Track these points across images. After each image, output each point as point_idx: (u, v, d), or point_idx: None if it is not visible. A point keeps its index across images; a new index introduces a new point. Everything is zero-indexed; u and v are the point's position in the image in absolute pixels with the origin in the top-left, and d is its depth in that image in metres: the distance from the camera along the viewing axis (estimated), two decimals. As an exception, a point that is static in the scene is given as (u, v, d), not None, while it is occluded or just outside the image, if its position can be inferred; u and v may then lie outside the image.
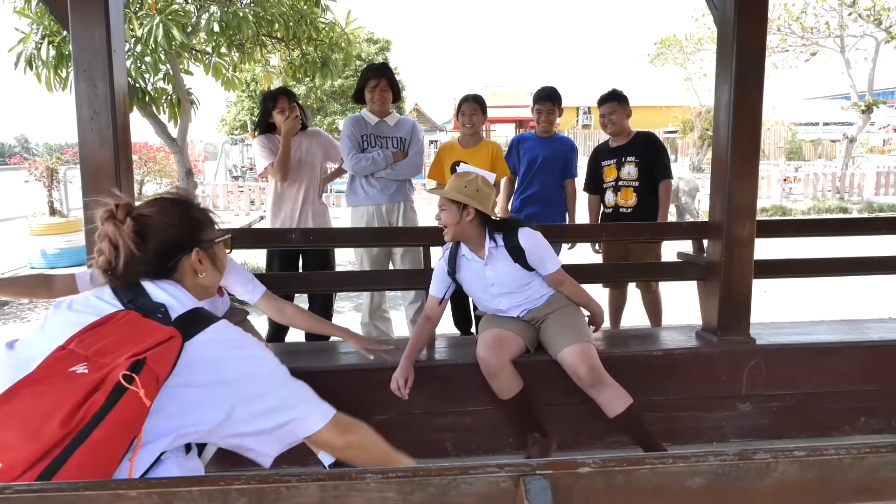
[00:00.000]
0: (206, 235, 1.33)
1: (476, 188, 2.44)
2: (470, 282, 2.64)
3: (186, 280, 1.29)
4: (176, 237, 1.27)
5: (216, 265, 1.36)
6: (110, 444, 1.01)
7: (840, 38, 15.16)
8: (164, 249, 1.26)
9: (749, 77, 2.69)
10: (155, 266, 1.25)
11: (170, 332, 1.13)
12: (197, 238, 1.30)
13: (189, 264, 1.29)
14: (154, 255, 1.25)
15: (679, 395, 2.79)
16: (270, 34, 5.57)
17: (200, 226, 1.33)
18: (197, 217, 1.33)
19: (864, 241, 4.07)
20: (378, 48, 20.74)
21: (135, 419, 1.04)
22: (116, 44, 2.40)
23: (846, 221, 5.93)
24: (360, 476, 0.70)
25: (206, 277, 1.32)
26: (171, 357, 1.11)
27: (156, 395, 1.07)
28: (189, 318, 1.19)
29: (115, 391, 1.02)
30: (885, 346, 2.88)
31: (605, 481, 0.74)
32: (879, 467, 0.78)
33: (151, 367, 1.07)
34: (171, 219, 1.27)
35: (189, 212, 1.31)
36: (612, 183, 3.80)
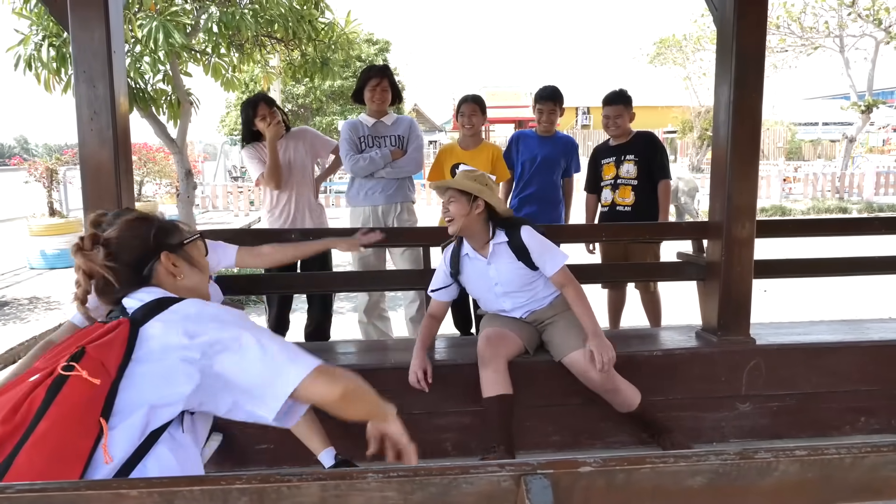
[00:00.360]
0: (172, 239, 1.37)
1: (485, 182, 2.47)
2: (473, 282, 2.63)
3: (167, 285, 1.32)
4: (142, 248, 1.32)
5: (194, 265, 1.39)
6: (62, 433, 1.00)
7: (839, 37, 15.17)
8: (135, 261, 1.31)
9: (749, 77, 2.70)
10: (133, 280, 1.29)
11: (115, 324, 1.16)
12: (163, 243, 1.34)
13: (163, 269, 1.32)
14: (127, 269, 1.29)
15: (679, 395, 2.79)
16: (270, 35, 5.57)
17: (164, 232, 1.37)
18: (160, 226, 1.38)
19: (864, 241, 4.07)
20: (377, 49, 20.73)
21: (86, 402, 1.04)
22: (116, 44, 2.40)
23: (845, 221, 5.93)
24: (360, 475, 0.70)
25: (186, 279, 1.35)
26: (118, 342, 1.13)
27: (109, 379, 1.07)
28: (149, 307, 1.21)
29: (56, 382, 1.05)
30: (885, 346, 2.88)
31: (606, 480, 0.74)
32: (880, 466, 0.78)
33: (92, 354, 1.09)
34: (135, 232, 1.33)
35: (150, 223, 1.37)
36: (611, 181, 3.80)
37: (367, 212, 3.68)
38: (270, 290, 3.65)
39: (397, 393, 2.63)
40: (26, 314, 5.71)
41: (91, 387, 1.04)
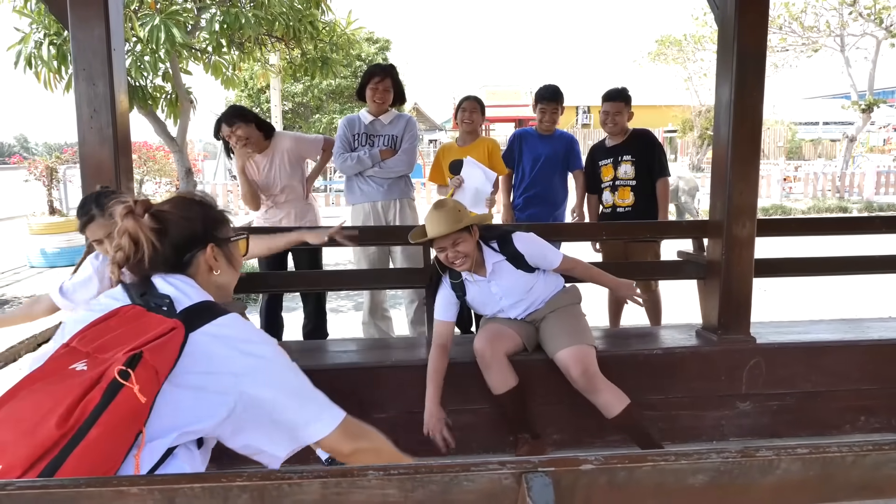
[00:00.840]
0: (221, 233, 1.34)
1: (458, 209, 2.41)
2: (480, 302, 2.65)
3: (200, 276, 1.29)
4: (192, 232, 1.28)
5: (232, 264, 1.36)
6: (109, 442, 0.98)
7: (840, 37, 15.16)
8: (180, 244, 1.27)
9: (749, 76, 2.69)
10: (171, 260, 1.25)
11: (172, 324, 1.11)
12: (212, 234, 1.31)
13: (204, 260, 1.29)
14: (170, 249, 1.25)
15: (679, 393, 2.79)
16: (270, 33, 5.56)
17: (216, 223, 1.34)
18: (213, 215, 1.34)
19: (864, 240, 4.07)
20: (378, 48, 20.71)
21: (132, 416, 1.01)
22: (116, 42, 2.40)
23: (846, 221, 5.93)
24: (361, 473, 0.70)
25: (221, 275, 1.32)
26: (172, 349, 1.09)
27: (156, 390, 1.04)
28: (196, 310, 1.18)
29: (111, 388, 1.00)
30: (885, 345, 2.88)
31: (608, 478, 0.74)
32: (882, 465, 0.78)
33: (149, 361, 1.05)
34: (188, 214, 1.29)
35: (206, 209, 1.33)
36: (610, 182, 3.80)
37: (367, 208, 3.67)
38: (268, 289, 3.65)
39: (398, 391, 2.64)
40: (26, 312, 5.69)
41: (138, 402, 1.01)
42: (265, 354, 1.19)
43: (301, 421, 1.17)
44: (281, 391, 1.17)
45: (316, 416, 1.18)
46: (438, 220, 2.39)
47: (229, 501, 0.68)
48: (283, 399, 1.16)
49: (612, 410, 2.41)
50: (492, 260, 2.52)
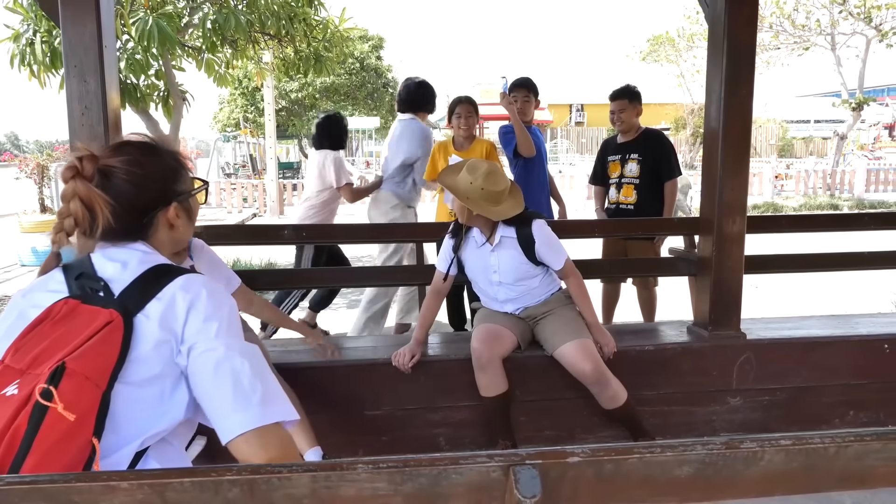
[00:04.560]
0: (181, 186, 1.17)
1: (479, 186, 2.42)
2: (473, 263, 2.64)
3: (160, 236, 1.15)
4: (152, 191, 1.11)
5: (191, 217, 1.21)
6: (52, 467, 0.88)
7: (831, 35, 15.24)
8: (140, 206, 1.10)
9: (740, 73, 2.71)
10: (127, 226, 1.10)
11: (107, 317, 0.99)
12: (173, 189, 1.15)
13: (165, 220, 1.14)
14: (128, 213, 1.09)
15: (670, 389, 2.81)
16: (263, 31, 5.55)
17: (176, 175, 1.17)
18: (172, 166, 1.16)
19: (854, 236, 4.10)
20: (371, 46, 20.68)
21: (69, 436, 0.90)
22: (107, 39, 2.39)
23: (835, 217, 5.97)
24: (350, 467, 0.71)
25: (181, 231, 1.18)
26: (110, 346, 0.97)
27: (95, 398, 0.93)
28: (140, 285, 1.04)
29: (36, 411, 0.89)
30: (874, 340, 2.90)
31: (595, 470, 0.75)
32: (863, 456, 0.80)
33: (75, 370, 0.93)
34: (146, 170, 1.11)
35: (164, 161, 1.15)
36: (616, 180, 3.83)
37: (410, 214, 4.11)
38: (269, 287, 3.66)
39: (391, 388, 2.65)
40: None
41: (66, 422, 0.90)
42: (217, 319, 1.05)
43: (224, 409, 1.01)
44: (220, 366, 1.02)
45: (240, 407, 1.00)
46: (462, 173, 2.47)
47: (219, 495, 0.69)
48: (219, 376, 1.02)
49: (618, 401, 2.48)
50: (502, 233, 2.53)
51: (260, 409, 1.00)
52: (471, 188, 2.42)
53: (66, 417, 0.90)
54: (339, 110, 19.87)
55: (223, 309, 1.08)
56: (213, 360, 1.02)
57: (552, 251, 2.53)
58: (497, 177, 2.46)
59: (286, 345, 2.91)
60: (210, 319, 1.04)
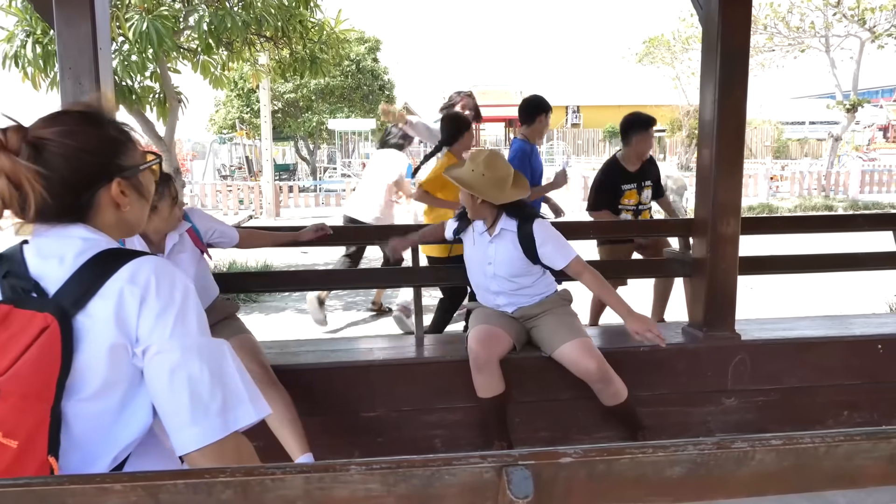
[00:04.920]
0: (126, 160, 1.03)
1: (481, 173, 2.47)
2: (470, 251, 2.69)
3: (104, 217, 1.02)
4: (90, 165, 0.98)
5: (143, 194, 1.07)
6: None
7: (825, 37, 15.31)
8: (76, 183, 0.97)
9: (733, 75, 2.72)
10: (65, 206, 0.98)
11: (41, 323, 0.88)
12: (116, 164, 1.01)
13: (109, 198, 1.01)
14: (63, 191, 0.96)
15: (666, 390, 2.82)
16: (259, 33, 5.55)
17: (119, 148, 1.03)
18: (114, 137, 1.03)
19: (848, 237, 4.12)
20: (367, 48, 20.68)
21: (15, 462, 0.82)
22: (102, 41, 2.39)
23: (829, 218, 5.99)
24: (344, 468, 0.71)
25: (130, 211, 1.04)
26: (49, 358, 0.86)
27: (39, 415, 0.85)
28: (77, 282, 0.92)
29: None
30: (868, 341, 2.92)
31: (587, 471, 0.75)
32: (853, 455, 0.80)
33: (12, 391, 0.84)
34: (83, 142, 0.98)
35: (104, 130, 1.02)
36: (633, 207, 3.87)
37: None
38: (263, 289, 3.66)
39: (386, 390, 2.66)
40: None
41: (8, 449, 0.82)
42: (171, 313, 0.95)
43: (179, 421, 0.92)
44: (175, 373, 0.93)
45: (197, 420, 0.92)
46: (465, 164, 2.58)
47: (213, 497, 0.69)
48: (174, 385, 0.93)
49: (620, 397, 2.51)
50: (503, 225, 2.55)
51: (218, 419, 0.93)
52: (473, 176, 2.47)
53: (9, 445, 0.82)
54: (335, 112, 19.89)
55: (175, 297, 0.96)
56: (167, 367, 0.93)
57: (556, 250, 2.48)
58: (497, 161, 2.51)
59: (283, 346, 2.91)
60: (164, 314, 0.94)
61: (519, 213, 2.54)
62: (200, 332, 0.97)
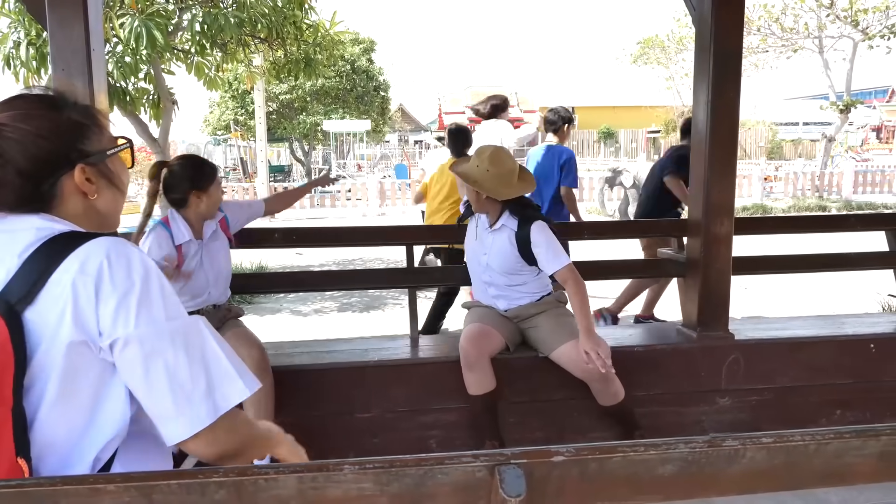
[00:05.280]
0: (91, 145, 0.97)
1: (486, 168, 2.48)
2: (470, 238, 2.73)
3: (70, 207, 0.95)
4: (47, 151, 0.92)
5: (114, 182, 1.01)
6: None
7: (819, 38, 15.38)
8: (33, 171, 0.91)
9: (727, 76, 2.73)
10: (24, 195, 0.92)
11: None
12: (78, 150, 0.95)
13: (73, 186, 0.95)
14: (18, 180, 0.90)
15: (660, 389, 2.83)
16: (253, 34, 5.55)
17: (82, 132, 0.96)
18: (76, 121, 0.96)
19: (841, 237, 4.15)
20: (362, 49, 20.67)
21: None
22: (95, 42, 2.38)
23: (822, 218, 6.03)
24: (337, 467, 0.71)
25: (100, 200, 0.98)
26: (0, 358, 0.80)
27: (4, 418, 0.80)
28: (24, 275, 0.85)
29: None
30: (860, 340, 2.94)
31: (579, 469, 0.76)
32: (843, 453, 0.81)
33: None
34: (39, 126, 0.91)
35: (63, 114, 0.95)
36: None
37: None
38: (259, 290, 3.65)
39: (381, 390, 2.66)
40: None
41: None
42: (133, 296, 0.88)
43: (165, 413, 0.88)
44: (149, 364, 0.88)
45: (182, 409, 0.88)
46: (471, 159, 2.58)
47: (206, 497, 0.69)
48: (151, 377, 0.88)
49: (618, 397, 2.53)
50: (504, 221, 2.57)
51: (205, 404, 0.89)
52: (478, 171, 2.49)
53: None
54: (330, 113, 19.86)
55: (135, 280, 0.89)
56: (139, 358, 0.87)
57: (549, 254, 2.46)
58: (502, 156, 2.52)
59: (278, 347, 2.91)
60: (124, 302, 0.87)
61: (522, 212, 2.55)
62: (169, 315, 0.90)
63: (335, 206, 14.41)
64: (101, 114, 1.01)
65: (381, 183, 14.55)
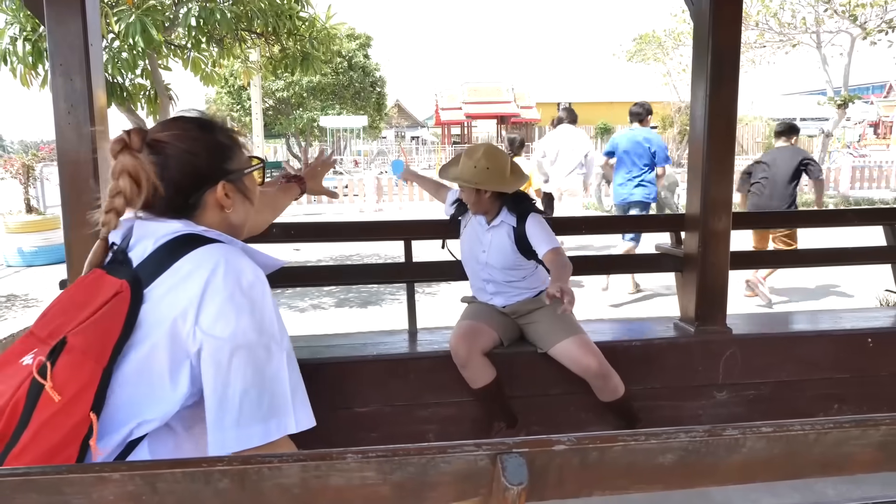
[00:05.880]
0: (233, 164, 1.12)
1: (485, 167, 2.46)
2: (467, 237, 2.69)
3: (209, 218, 1.09)
4: (197, 169, 1.06)
5: (247, 197, 1.15)
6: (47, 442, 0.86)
7: (816, 33, 15.38)
8: (185, 184, 1.06)
9: (724, 71, 2.74)
10: (173, 204, 1.06)
11: (118, 287, 0.96)
12: (222, 168, 1.09)
13: (214, 200, 1.09)
14: (173, 190, 1.05)
15: (657, 384, 2.84)
16: (250, 30, 5.53)
17: (227, 153, 1.11)
18: (222, 143, 1.11)
19: (838, 233, 4.16)
20: (358, 44, 20.63)
21: (58, 414, 0.88)
22: (93, 37, 2.38)
23: (819, 213, 6.03)
24: (340, 456, 0.72)
25: (234, 213, 1.12)
26: (114, 320, 0.93)
27: (93, 373, 0.90)
28: (156, 257, 0.99)
29: (34, 386, 0.89)
30: (857, 335, 2.95)
31: (580, 458, 0.76)
32: (843, 442, 0.82)
33: (75, 346, 0.91)
34: (193, 146, 1.06)
35: (213, 136, 1.11)
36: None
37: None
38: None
39: (379, 385, 2.66)
40: (3, 311, 5.63)
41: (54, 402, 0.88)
42: (235, 306, 0.97)
43: (219, 419, 0.96)
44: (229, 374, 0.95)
45: (244, 423, 0.96)
46: (461, 162, 2.53)
47: (210, 486, 0.69)
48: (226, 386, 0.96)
49: (618, 393, 2.52)
50: (503, 218, 2.56)
51: (260, 426, 0.97)
52: (476, 171, 2.45)
53: (53, 398, 0.88)
54: (327, 109, 19.84)
55: (242, 287, 0.99)
56: (223, 361, 0.95)
57: (543, 234, 2.46)
58: (497, 152, 2.53)
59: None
60: (226, 307, 0.96)
61: (519, 207, 2.55)
62: (263, 330, 0.99)
63: (332, 202, 14.39)
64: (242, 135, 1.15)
65: (378, 179, 14.54)
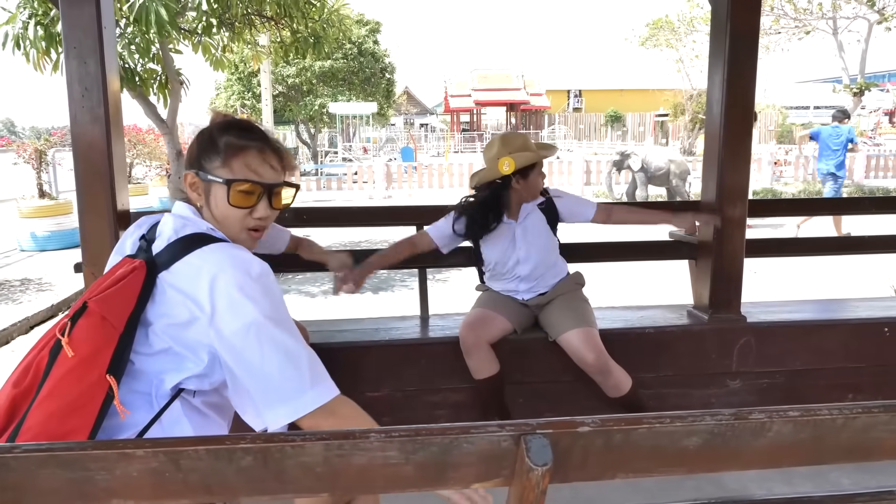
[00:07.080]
0: (208, 163, 1.18)
1: (508, 151, 2.43)
2: (493, 243, 2.56)
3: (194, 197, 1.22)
4: (190, 154, 1.22)
5: (209, 202, 1.19)
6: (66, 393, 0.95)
7: (833, 19, 15.15)
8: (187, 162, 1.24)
9: (743, 56, 2.70)
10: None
11: (136, 265, 1.08)
12: (199, 161, 1.19)
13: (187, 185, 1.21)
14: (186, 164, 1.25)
15: (670, 371, 2.83)
16: (260, 13, 5.51)
17: (208, 150, 1.19)
18: (207, 139, 1.20)
19: (854, 222, 4.11)
20: (368, 30, 20.51)
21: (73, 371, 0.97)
22: (107, 20, 2.37)
23: (836, 201, 5.97)
24: (363, 436, 0.71)
25: (204, 209, 1.20)
26: (130, 291, 1.04)
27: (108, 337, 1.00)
28: (171, 249, 1.10)
29: (56, 345, 1.00)
30: (871, 324, 2.92)
31: (604, 440, 0.76)
32: (871, 428, 0.80)
33: (94, 311, 1.02)
34: (202, 134, 1.23)
35: (209, 132, 1.22)
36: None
37: None
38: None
39: (391, 370, 2.67)
40: (18, 295, 5.68)
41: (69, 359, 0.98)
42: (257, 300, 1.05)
43: (285, 395, 1.03)
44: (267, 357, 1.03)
45: (301, 391, 1.04)
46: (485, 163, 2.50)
47: (233, 463, 0.69)
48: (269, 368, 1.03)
49: (622, 389, 2.48)
50: (526, 210, 2.54)
51: (324, 380, 1.08)
52: (508, 157, 2.39)
53: (67, 353, 0.98)
54: (337, 96, 19.76)
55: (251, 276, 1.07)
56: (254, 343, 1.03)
57: (577, 203, 2.62)
58: (509, 136, 2.52)
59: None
60: (238, 297, 1.04)
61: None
62: (276, 309, 1.07)
63: (342, 188, 14.40)
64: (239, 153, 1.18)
65: (387, 165, 14.51)
